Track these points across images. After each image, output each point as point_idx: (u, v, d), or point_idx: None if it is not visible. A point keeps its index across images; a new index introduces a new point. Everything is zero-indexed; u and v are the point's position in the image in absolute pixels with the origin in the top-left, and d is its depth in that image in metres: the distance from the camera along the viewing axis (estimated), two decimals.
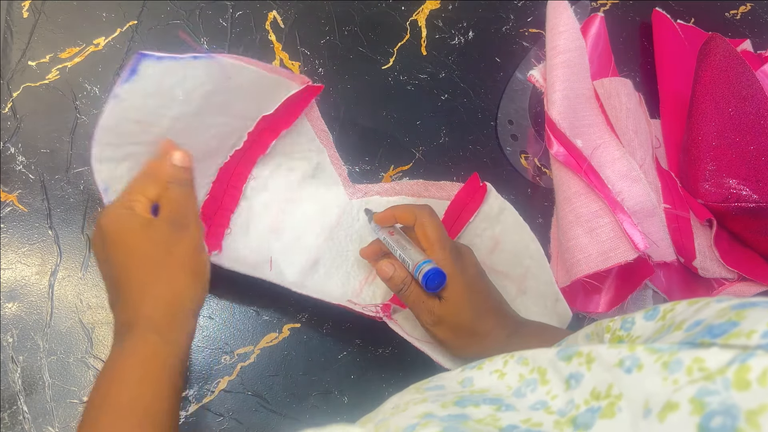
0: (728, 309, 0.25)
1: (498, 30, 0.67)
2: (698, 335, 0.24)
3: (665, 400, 0.22)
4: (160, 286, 0.36)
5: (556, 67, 0.60)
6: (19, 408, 0.46)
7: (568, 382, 0.27)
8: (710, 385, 0.21)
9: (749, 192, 0.56)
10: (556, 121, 0.58)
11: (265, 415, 0.49)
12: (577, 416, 0.25)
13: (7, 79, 0.54)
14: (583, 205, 0.55)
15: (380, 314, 0.50)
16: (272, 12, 0.62)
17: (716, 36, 0.60)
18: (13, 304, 0.48)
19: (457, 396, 0.30)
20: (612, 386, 0.25)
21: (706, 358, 0.22)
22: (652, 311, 0.30)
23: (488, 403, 0.29)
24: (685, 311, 0.27)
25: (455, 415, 0.27)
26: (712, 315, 0.25)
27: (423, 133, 0.61)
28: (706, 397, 0.21)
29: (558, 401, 0.27)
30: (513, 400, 0.29)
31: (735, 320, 0.24)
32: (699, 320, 0.25)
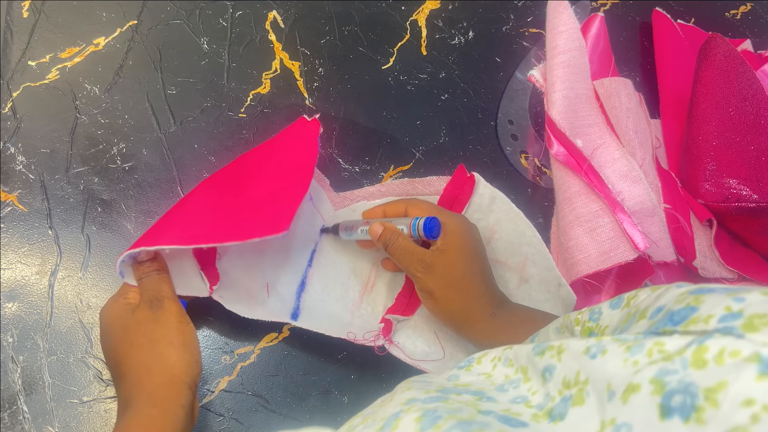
0: (686, 294, 0.25)
1: (498, 30, 0.67)
2: (660, 323, 0.25)
3: (627, 382, 0.23)
4: (152, 362, 0.40)
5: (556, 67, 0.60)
6: (19, 408, 0.46)
7: (543, 376, 0.28)
8: (669, 365, 0.22)
9: (749, 192, 0.56)
10: (556, 121, 0.58)
11: (265, 415, 0.49)
12: (553, 408, 0.26)
13: (7, 79, 0.54)
14: (583, 205, 0.55)
15: (381, 342, 0.50)
16: (272, 12, 0.62)
17: (716, 36, 0.60)
18: (13, 304, 0.48)
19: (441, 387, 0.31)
20: (579, 373, 0.26)
21: (666, 342, 0.23)
22: (616, 300, 0.31)
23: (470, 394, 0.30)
24: (648, 297, 0.28)
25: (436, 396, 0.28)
26: (672, 300, 0.26)
27: (423, 133, 0.61)
28: (665, 377, 0.22)
29: (537, 396, 0.28)
30: (495, 394, 0.30)
31: (693, 305, 0.24)
32: (660, 306, 0.26)
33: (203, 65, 0.58)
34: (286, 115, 0.58)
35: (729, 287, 0.25)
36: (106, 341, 0.42)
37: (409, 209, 0.49)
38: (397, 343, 0.51)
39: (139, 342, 0.40)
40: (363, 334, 0.50)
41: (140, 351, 0.40)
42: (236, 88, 0.58)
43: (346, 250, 0.55)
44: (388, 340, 0.50)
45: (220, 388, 0.49)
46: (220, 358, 0.50)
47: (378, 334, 0.50)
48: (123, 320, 0.42)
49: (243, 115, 0.57)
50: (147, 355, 0.40)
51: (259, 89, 0.59)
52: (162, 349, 0.40)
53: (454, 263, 0.46)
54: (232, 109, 0.57)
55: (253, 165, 0.51)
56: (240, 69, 0.59)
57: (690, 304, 0.24)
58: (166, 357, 0.40)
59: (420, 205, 0.49)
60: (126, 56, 0.57)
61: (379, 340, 0.50)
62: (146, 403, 0.38)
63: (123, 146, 0.54)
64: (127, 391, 0.40)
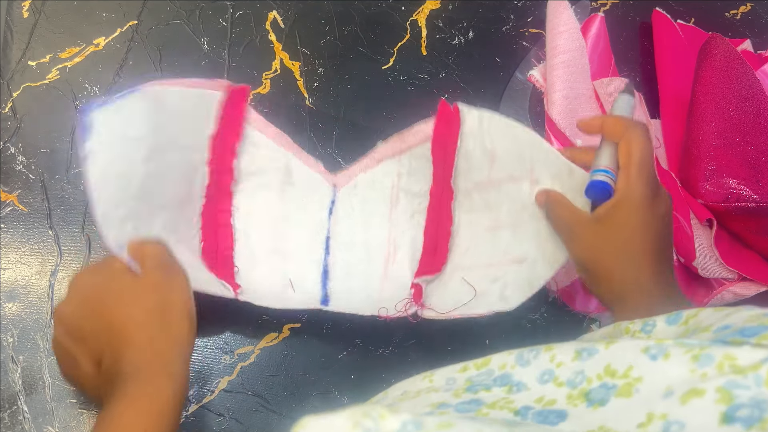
0: (761, 315, 0.24)
1: (498, 30, 0.67)
2: (729, 336, 0.24)
3: (690, 386, 0.22)
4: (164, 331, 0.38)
5: (556, 67, 0.60)
6: (19, 408, 0.46)
7: (579, 353, 0.27)
8: (740, 379, 0.21)
9: (749, 192, 0.56)
10: (556, 121, 0.58)
11: (265, 415, 0.49)
12: (590, 391, 0.25)
13: (7, 79, 0.54)
14: None
15: (413, 309, 0.49)
16: (272, 12, 0.62)
17: (716, 36, 0.60)
18: (13, 304, 0.48)
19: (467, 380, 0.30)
20: (632, 368, 0.24)
21: (738, 356, 0.22)
22: (674, 316, 0.29)
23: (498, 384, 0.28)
24: (711, 316, 0.27)
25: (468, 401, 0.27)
26: (743, 319, 0.24)
27: None
28: (735, 390, 0.21)
29: (564, 370, 0.27)
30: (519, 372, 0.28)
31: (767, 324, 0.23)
32: (728, 324, 0.25)
33: (203, 65, 0.58)
34: (286, 115, 0.58)
35: None
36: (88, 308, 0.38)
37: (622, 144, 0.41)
38: (429, 305, 0.50)
39: (148, 308, 0.38)
40: (395, 306, 0.49)
41: (151, 319, 0.38)
42: None
43: (358, 229, 0.54)
44: (420, 306, 0.50)
45: (220, 388, 0.49)
46: (220, 358, 0.50)
47: (409, 301, 0.49)
48: (120, 284, 0.39)
49: None
50: (159, 323, 0.38)
51: (259, 89, 0.59)
52: (175, 318, 0.38)
53: (610, 240, 0.40)
54: None
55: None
56: (240, 69, 0.59)
57: (764, 323, 0.23)
58: (180, 326, 0.38)
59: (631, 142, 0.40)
60: (126, 56, 0.57)
61: (411, 308, 0.49)
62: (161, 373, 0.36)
63: None
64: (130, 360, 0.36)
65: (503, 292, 0.50)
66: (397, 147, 0.55)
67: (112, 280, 0.39)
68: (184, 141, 0.48)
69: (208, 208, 0.50)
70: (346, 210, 0.54)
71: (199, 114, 0.49)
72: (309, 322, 0.52)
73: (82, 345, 0.39)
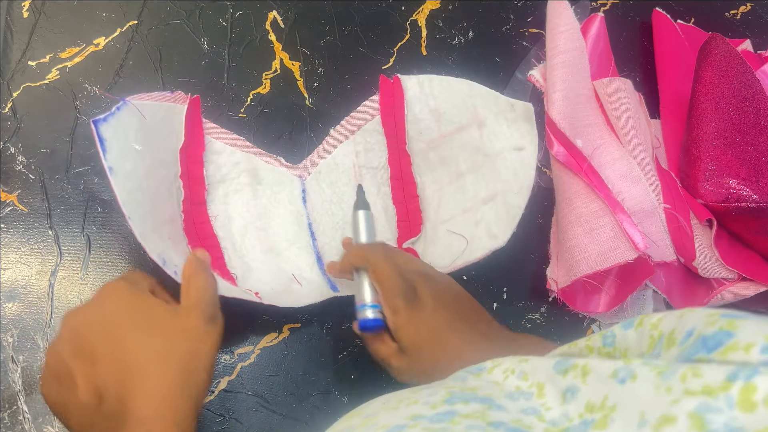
0: (717, 316, 0.23)
1: (498, 30, 0.67)
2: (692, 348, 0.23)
3: (661, 412, 0.21)
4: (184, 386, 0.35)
5: (556, 67, 0.60)
6: (19, 408, 0.46)
7: (564, 396, 0.27)
8: (712, 402, 0.20)
9: (749, 192, 0.56)
10: (556, 121, 0.58)
11: (265, 415, 0.49)
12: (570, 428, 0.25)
13: (7, 79, 0.54)
14: (583, 205, 0.55)
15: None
16: (272, 12, 0.62)
17: (716, 36, 0.60)
18: (13, 304, 0.48)
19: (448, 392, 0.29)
20: (606, 397, 0.24)
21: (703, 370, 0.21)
22: (628, 321, 0.29)
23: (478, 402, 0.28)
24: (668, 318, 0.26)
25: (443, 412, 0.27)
26: (701, 323, 0.24)
27: None
28: (708, 414, 0.20)
29: (552, 413, 0.26)
30: (504, 402, 0.28)
31: (728, 329, 0.22)
32: (690, 330, 0.24)
33: (203, 65, 0.58)
34: (286, 115, 0.58)
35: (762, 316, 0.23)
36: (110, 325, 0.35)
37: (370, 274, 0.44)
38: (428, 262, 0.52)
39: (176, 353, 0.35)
40: None
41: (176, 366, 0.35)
42: (236, 88, 0.58)
43: (334, 209, 0.56)
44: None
45: (220, 388, 0.49)
46: (220, 358, 0.50)
47: None
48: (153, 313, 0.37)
49: (243, 115, 0.57)
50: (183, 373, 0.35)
51: (259, 89, 0.59)
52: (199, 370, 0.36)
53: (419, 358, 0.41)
54: (232, 109, 0.57)
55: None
56: (240, 69, 0.59)
57: (723, 327, 0.22)
58: (201, 380, 0.36)
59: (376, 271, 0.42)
60: (126, 56, 0.57)
61: None
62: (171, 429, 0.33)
63: None
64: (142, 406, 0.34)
65: (490, 230, 0.53)
66: (350, 128, 0.57)
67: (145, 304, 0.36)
68: (162, 155, 0.48)
69: (188, 222, 0.50)
70: (318, 195, 0.55)
71: (170, 128, 0.50)
72: (309, 322, 0.52)
73: (88, 366, 0.34)
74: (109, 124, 0.42)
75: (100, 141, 0.41)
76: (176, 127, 0.50)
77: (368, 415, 0.28)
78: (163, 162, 0.48)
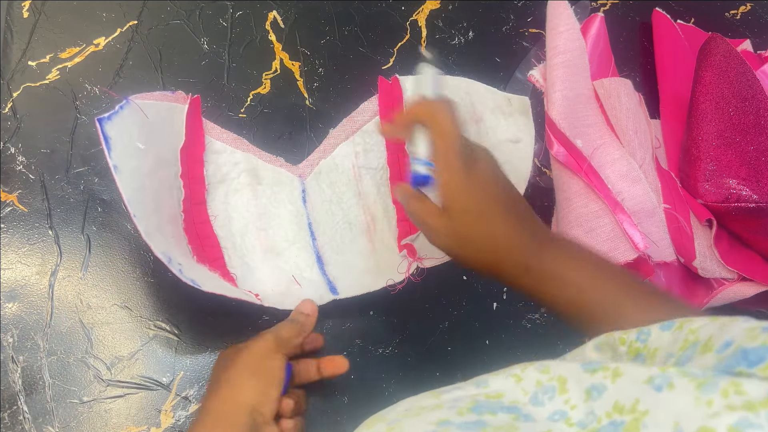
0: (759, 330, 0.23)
1: (498, 30, 0.67)
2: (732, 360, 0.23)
3: (700, 424, 0.21)
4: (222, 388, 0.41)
5: (556, 67, 0.60)
6: (19, 408, 0.46)
7: (589, 393, 0.26)
8: (752, 417, 0.20)
9: (749, 192, 0.56)
10: (556, 121, 0.58)
11: None
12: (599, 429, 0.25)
13: (7, 79, 0.54)
14: (583, 205, 0.55)
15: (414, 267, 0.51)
16: (272, 12, 0.62)
17: (716, 36, 0.60)
18: (13, 304, 0.48)
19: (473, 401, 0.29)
20: (638, 402, 0.24)
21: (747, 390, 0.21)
22: (667, 323, 0.29)
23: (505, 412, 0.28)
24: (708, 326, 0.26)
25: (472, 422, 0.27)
26: (742, 336, 0.24)
27: None
28: (748, 429, 0.20)
29: (578, 412, 0.26)
30: (530, 409, 0.28)
31: None
32: (729, 340, 0.24)
33: (203, 65, 0.58)
34: (286, 115, 0.58)
35: None
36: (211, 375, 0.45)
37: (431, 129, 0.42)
38: (425, 255, 0.52)
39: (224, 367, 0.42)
40: (397, 270, 0.52)
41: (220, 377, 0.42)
42: (236, 88, 0.58)
43: (334, 209, 0.56)
44: (419, 259, 0.52)
45: None
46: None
47: (409, 262, 0.52)
48: (226, 352, 0.45)
49: (243, 115, 0.57)
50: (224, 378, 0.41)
51: (259, 89, 0.59)
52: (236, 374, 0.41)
53: (461, 224, 0.41)
54: (232, 109, 0.57)
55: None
56: (240, 69, 0.59)
57: (766, 343, 0.22)
58: (236, 382, 0.41)
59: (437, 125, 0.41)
60: (126, 56, 0.57)
61: (412, 267, 0.52)
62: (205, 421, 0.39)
63: None
64: (200, 409, 0.41)
65: None
66: (349, 129, 0.57)
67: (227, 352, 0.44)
68: (163, 154, 0.48)
69: (188, 222, 0.50)
70: (318, 195, 0.55)
71: (171, 128, 0.50)
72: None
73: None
74: (113, 123, 0.43)
75: (105, 139, 0.41)
76: (177, 126, 0.50)
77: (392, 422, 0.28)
78: (164, 161, 0.48)
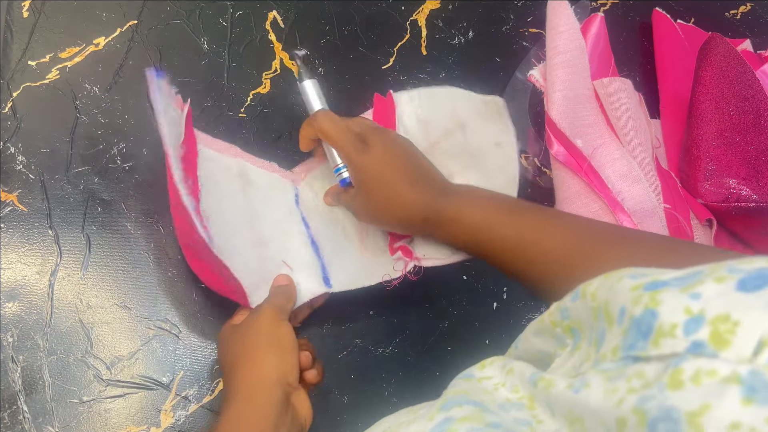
0: (641, 291, 0.24)
1: (498, 30, 0.67)
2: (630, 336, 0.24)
3: (615, 416, 0.22)
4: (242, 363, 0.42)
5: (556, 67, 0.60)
6: (19, 408, 0.46)
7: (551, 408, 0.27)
8: (647, 392, 0.21)
9: (749, 192, 0.56)
10: (556, 121, 0.58)
11: None
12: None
13: (7, 79, 0.54)
14: (583, 205, 0.55)
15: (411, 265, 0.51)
16: (272, 12, 0.62)
17: (716, 36, 0.60)
18: (13, 304, 0.48)
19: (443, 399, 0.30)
20: (571, 411, 0.25)
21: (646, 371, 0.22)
22: (574, 293, 0.30)
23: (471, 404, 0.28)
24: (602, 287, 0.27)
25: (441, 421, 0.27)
26: (628, 299, 0.25)
27: None
28: (645, 404, 0.21)
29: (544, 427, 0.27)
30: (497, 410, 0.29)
31: (652, 308, 0.23)
32: (622, 307, 0.25)
33: (203, 65, 0.58)
34: (286, 115, 0.58)
35: (680, 276, 0.24)
36: (220, 363, 0.47)
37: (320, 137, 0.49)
38: (423, 256, 0.51)
39: (235, 348, 0.43)
40: (393, 266, 0.51)
41: (237, 356, 0.43)
42: (236, 88, 0.58)
43: (325, 208, 0.55)
44: (416, 259, 0.51)
45: (219, 387, 0.49)
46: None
47: (406, 261, 0.51)
48: (228, 336, 0.45)
49: (243, 115, 0.57)
50: (239, 357, 0.42)
51: (259, 89, 0.59)
52: (251, 351, 0.42)
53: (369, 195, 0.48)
54: (232, 109, 0.57)
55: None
56: (240, 69, 0.59)
57: (648, 306, 0.23)
58: (254, 357, 0.42)
59: (322, 131, 0.48)
60: (126, 56, 0.57)
61: (409, 265, 0.51)
62: (236, 399, 0.40)
63: (123, 146, 0.54)
64: (226, 395, 0.42)
65: None
66: None
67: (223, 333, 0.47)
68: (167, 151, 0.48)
69: (182, 228, 0.49)
70: (311, 200, 0.55)
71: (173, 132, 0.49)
72: (309, 322, 0.52)
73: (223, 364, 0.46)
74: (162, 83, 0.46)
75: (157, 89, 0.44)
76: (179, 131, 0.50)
77: None
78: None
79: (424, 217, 0.46)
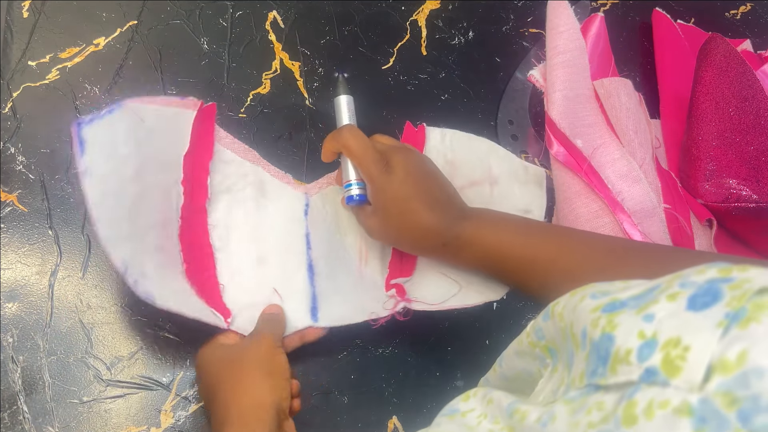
0: (599, 314, 0.24)
1: (498, 30, 0.67)
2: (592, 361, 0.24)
3: None
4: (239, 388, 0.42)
5: (556, 67, 0.60)
6: (19, 408, 0.46)
7: None
8: (605, 427, 0.21)
9: (749, 192, 0.56)
10: (556, 121, 0.58)
11: None
12: None
13: (7, 79, 0.54)
14: (583, 206, 0.55)
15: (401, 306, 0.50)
16: (272, 12, 0.62)
17: (716, 36, 0.60)
18: (13, 304, 0.48)
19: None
20: None
21: (605, 401, 0.22)
22: (545, 312, 0.30)
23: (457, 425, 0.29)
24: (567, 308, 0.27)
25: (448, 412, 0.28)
26: (588, 320, 0.25)
27: None
28: None
29: None
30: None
31: (609, 332, 0.23)
32: (583, 329, 0.25)
33: (203, 65, 0.58)
34: (286, 115, 0.58)
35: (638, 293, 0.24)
36: (201, 380, 0.45)
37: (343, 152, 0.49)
38: (415, 298, 0.51)
39: (231, 371, 0.43)
40: (383, 306, 0.50)
41: (231, 379, 0.42)
42: (236, 88, 0.58)
43: (332, 228, 0.54)
44: (407, 300, 0.51)
45: None
46: None
47: (396, 301, 0.51)
48: (217, 356, 0.45)
49: (243, 115, 0.57)
50: (236, 382, 0.42)
51: (259, 89, 0.59)
52: (247, 374, 0.42)
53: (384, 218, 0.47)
54: (232, 109, 0.57)
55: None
56: (240, 69, 0.59)
57: (605, 330, 0.23)
58: (251, 381, 0.42)
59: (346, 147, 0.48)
60: (126, 56, 0.57)
61: (399, 305, 0.50)
62: (234, 425, 0.40)
63: None
64: (219, 417, 0.41)
65: (488, 281, 0.51)
66: None
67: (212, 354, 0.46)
68: (162, 159, 0.48)
69: (185, 229, 0.49)
70: (319, 213, 0.54)
71: (175, 133, 0.49)
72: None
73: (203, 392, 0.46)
74: (94, 126, 0.42)
75: (79, 143, 0.41)
76: (184, 132, 0.50)
77: None
78: (163, 165, 0.47)
79: (443, 243, 0.46)
